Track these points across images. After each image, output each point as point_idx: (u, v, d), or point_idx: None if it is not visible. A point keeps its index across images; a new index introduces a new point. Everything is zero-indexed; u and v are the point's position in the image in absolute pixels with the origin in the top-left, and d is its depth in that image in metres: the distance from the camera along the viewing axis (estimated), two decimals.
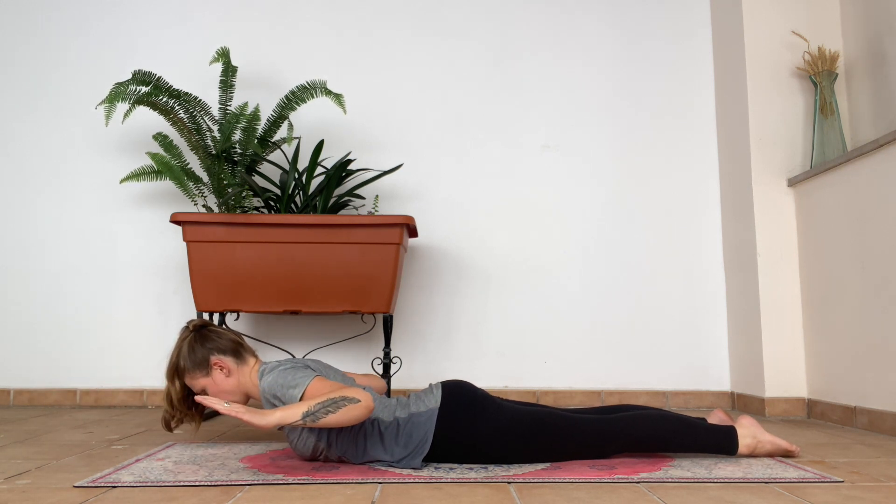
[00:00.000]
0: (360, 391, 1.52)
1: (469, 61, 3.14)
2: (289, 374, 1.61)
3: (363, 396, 1.50)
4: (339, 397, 1.48)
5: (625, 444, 1.70)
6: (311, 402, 1.47)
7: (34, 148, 3.07)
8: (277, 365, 1.67)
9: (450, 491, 1.41)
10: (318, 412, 1.46)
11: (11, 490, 1.42)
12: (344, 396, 1.48)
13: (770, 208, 2.74)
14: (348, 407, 1.47)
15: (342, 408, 1.47)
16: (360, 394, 1.50)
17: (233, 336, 1.80)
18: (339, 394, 1.49)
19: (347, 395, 1.48)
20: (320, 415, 1.46)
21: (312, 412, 1.46)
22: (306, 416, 1.46)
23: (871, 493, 1.41)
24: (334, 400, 1.47)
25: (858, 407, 2.32)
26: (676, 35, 3.16)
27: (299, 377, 1.59)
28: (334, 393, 1.49)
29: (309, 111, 3.05)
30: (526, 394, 2.93)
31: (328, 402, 1.47)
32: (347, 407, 1.47)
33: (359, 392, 1.51)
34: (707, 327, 3.00)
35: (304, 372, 1.61)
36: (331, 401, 1.47)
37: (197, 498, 1.36)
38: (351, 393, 1.50)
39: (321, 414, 1.46)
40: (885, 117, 2.54)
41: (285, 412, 1.46)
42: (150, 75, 2.55)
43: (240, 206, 2.62)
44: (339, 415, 1.46)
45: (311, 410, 1.46)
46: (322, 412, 1.46)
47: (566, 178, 3.08)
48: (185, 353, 1.73)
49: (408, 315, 3.00)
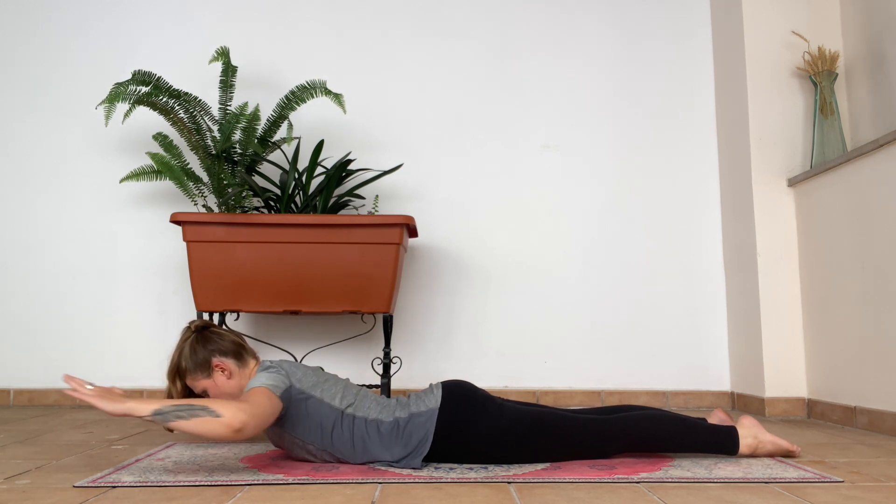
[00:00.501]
0: (235, 408, 1.44)
1: (469, 61, 3.14)
2: (262, 376, 1.60)
3: (229, 414, 1.42)
4: (198, 405, 1.43)
5: (625, 445, 1.70)
6: (167, 402, 1.45)
7: (34, 148, 3.07)
8: (269, 366, 1.67)
9: (450, 491, 1.41)
10: (169, 413, 1.42)
11: (11, 490, 1.42)
12: (205, 407, 1.43)
13: (770, 208, 2.74)
14: (204, 419, 1.41)
15: (197, 417, 1.41)
16: (230, 411, 1.43)
17: (234, 338, 1.79)
18: (208, 403, 1.44)
19: (210, 407, 1.43)
20: (171, 417, 1.42)
21: (163, 412, 1.43)
22: (156, 413, 1.43)
23: (871, 493, 1.41)
24: (191, 406, 1.43)
25: (858, 407, 2.32)
26: (676, 35, 3.16)
27: (260, 381, 1.58)
28: (211, 401, 1.45)
29: (309, 111, 3.05)
30: (526, 394, 2.93)
31: (184, 406, 1.43)
32: (203, 418, 1.41)
33: (231, 409, 1.43)
34: (707, 327, 3.00)
35: (270, 377, 1.59)
36: (187, 406, 1.43)
37: (197, 498, 1.36)
38: (220, 407, 1.43)
39: (172, 416, 1.42)
40: (885, 117, 2.54)
41: (137, 404, 1.44)
42: (149, 75, 2.55)
43: (240, 206, 2.62)
44: (192, 423, 1.41)
45: (163, 410, 1.43)
46: (173, 415, 1.42)
47: (566, 178, 3.08)
48: (186, 353, 1.73)
49: (408, 315, 3.00)
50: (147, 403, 1.45)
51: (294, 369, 1.68)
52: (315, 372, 1.72)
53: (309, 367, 1.74)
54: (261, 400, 1.51)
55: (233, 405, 1.45)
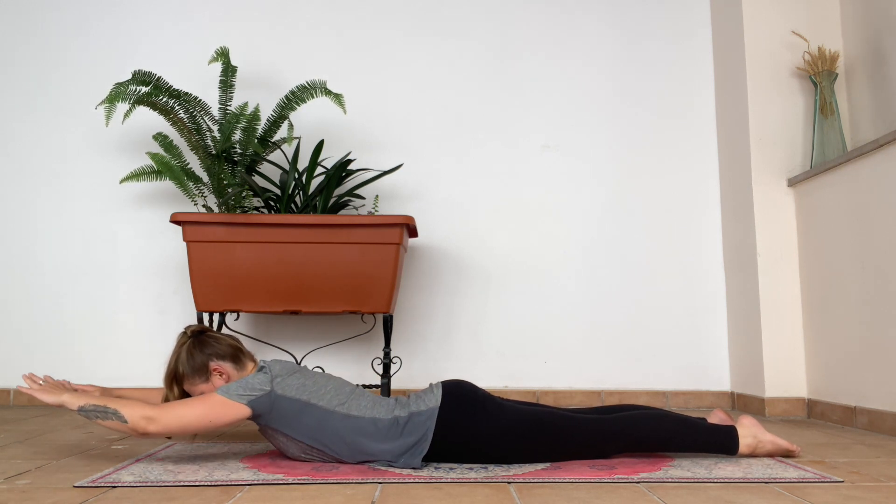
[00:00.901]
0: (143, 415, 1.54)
1: (469, 61, 3.14)
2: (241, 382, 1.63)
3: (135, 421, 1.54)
4: (112, 409, 1.55)
5: (625, 444, 1.70)
6: (92, 401, 1.57)
7: (34, 148, 3.07)
8: (262, 368, 1.67)
9: (450, 491, 1.41)
10: (90, 412, 1.56)
11: (11, 490, 1.42)
12: (116, 411, 1.55)
13: (770, 208, 2.74)
14: (114, 422, 1.55)
15: (109, 419, 1.55)
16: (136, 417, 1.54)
17: (231, 341, 1.79)
18: (120, 406, 1.55)
19: (120, 412, 1.54)
20: (91, 415, 1.56)
21: (86, 409, 1.57)
22: (81, 409, 1.57)
23: (871, 493, 1.41)
24: (106, 409, 1.55)
25: (858, 407, 2.32)
26: (676, 35, 3.16)
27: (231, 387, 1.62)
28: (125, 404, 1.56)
29: (309, 111, 3.05)
30: (526, 394, 2.93)
31: (101, 408, 1.56)
32: (113, 421, 1.55)
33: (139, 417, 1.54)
34: (707, 327, 3.00)
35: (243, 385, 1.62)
36: (104, 408, 1.56)
37: (197, 498, 1.36)
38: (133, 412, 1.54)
39: (92, 415, 1.56)
40: (885, 117, 2.54)
41: (71, 397, 1.59)
42: (149, 75, 2.55)
43: (240, 206, 2.62)
44: (106, 423, 1.56)
45: (87, 408, 1.56)
46: (93, 413, 1.56)
47: (566, 177, 3.08)
48: (183, 359, 1.72)
49: (408, 315, 3.00)
50: (77, 399, 1.59)
51: (282, 371, 1.66)
52: (304, 374, 1.69)
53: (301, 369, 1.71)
54: (185, 408, 1.59)
55: (140, 412, 1.55)
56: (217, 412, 1.58)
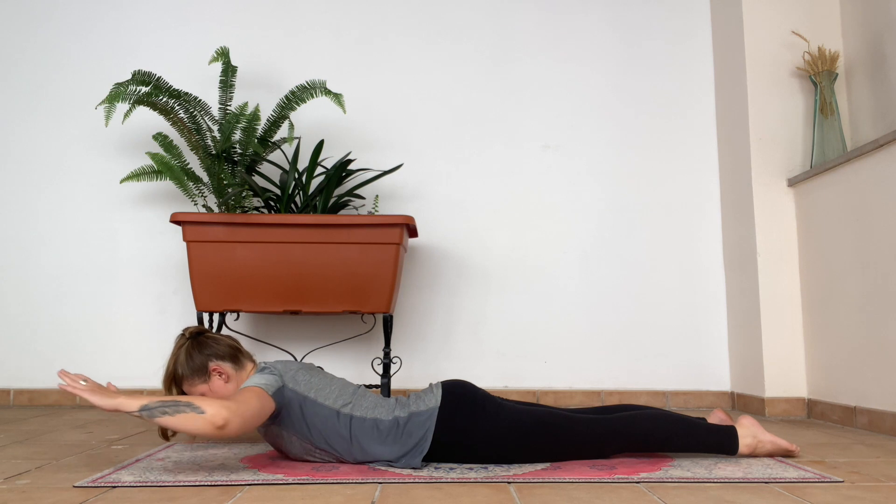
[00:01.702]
0: (218, 406, 1.45)
1: (469, 61, 3.14)
2: (257, 375, 1.62)
3: (212, 411, 1.43)
4: (183, 402, 1.45)
5: (625, 444, 1.70)
6: (154, 398, 1.47)
7: (34, 148, 3.07)
8: (265, 366, 1.67)
9: (450, 491, 1.41)
10: (156, 409, 1.45)
11: (11, 490, 1.42)
12: (190, 403, 1.45)
13: (770, 208, 2.74)
14: (188, 415, 1.44)
15: (181, 413, 1.44)
16: (214, 408, 1.44)
17: (230, 342, 1.79)
18: (193, 400, 1.46)
19: (195, 403, 1.45)
20: (157, 413, 1.45)
21: (150, 408, 1.45)
22: (143, 409, 1.46)
23: (871, 493, 1.41)
24: (176, 402, 1.45)
25: (858, 407, 2.32)
26: (676, 35, 3.16)
27: (252, 381, 1.59)
28: (197, 398, 1.47)
29: (309, 111, 3.05)
30: (526, 394, 2.93)
31: (170, 402, 1.46)
32: (187, 414, 1.44)
33: (214, 406, 1.44)
34: (707, 327, 3.00)
35: (263, 378, 1.60)
36: (173, 402, 1.46)
37: (197, 498, 1.36)
38: (204, 404, 1.45)
39: (158, 412, 1.45)
40: (885, 117, 2.54)
41: (127, 399, 1.47)
42: (149, 75, 2.55)
43: (240, 206, 2.62)
44: (177, 419, 1.44)
45: (150, 406, 1.45)
46: (159, 410, 1.45)
47: (566, 177, 3.08)
48: (182, 360, 1.72)
49: (408, 315, 3.00)
50: (136, 399, 1.47)
51: (287, 369, 1.67)
52: (310, 371, 1.71)
53: (306, 367, 1.73)
54: (249, 399, 1.51)
55: (217, 402, 1.46)
56: (265, 404, 1.53)
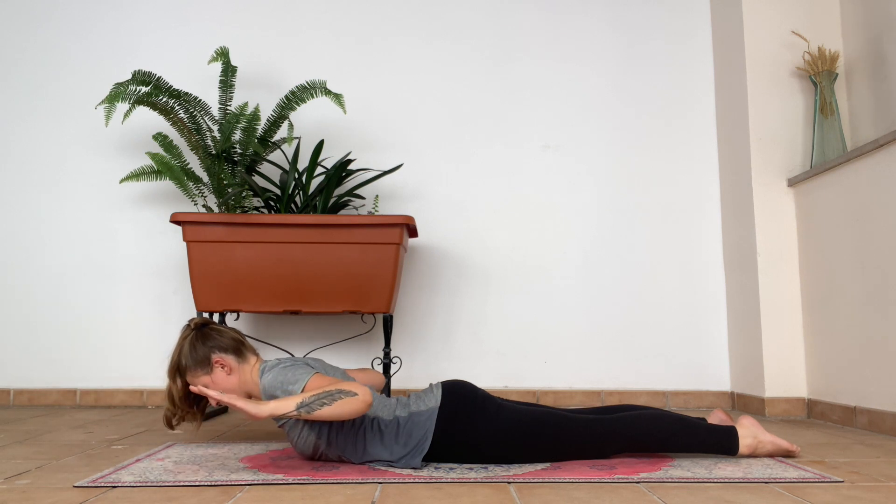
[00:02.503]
0: (358, 385, 1.52)
1: (469, 61, 3.14)
2: (289, 371, 1.61)
3: (361, 391, 1.51)
4: (335, 390, 1.49)
5: (625, 444, 1.70)
6: (306, 395, 1.49)
7: (34, 148, 3.07)
8: (278, 363, 1.67)
9: (450, 491, 1.42)
10: (313, 403, 1.47)
11: (11, 490, 1.42)
12: (340, 390, 1.49)
13: (770, 208, 2.74)
14: (345, 400, 1.48)
15: (338, 400, 1.48)
16: (357, 388, 1.51)
17: (234, 334, 1.80)
18: (336, 387, 1.50)
19: (344, 389, 1.50)
20: (315, 406, 1.47)
21: (307, 403, 1.48)
22: (301, 406, 1.47)
23: (871, 493, 1.41)
24: (330, 392, 1.49)
25: (858, 407, 2.32)
26: (676, 35, 3.16)
27: (299, 374, 1.59)
28: (331, 386, 1.50)
29: (309, 111, 3.05)
30: (526, 394, 2.93)
31: (324, 394, 1.48)
32: (344, 400, 1.48)
33: (357, 386, 1.52)
34: (707, 327, 3.00)
35: (304, 369, 1.62)
36: (326, 393, 1.48)
37: (197, 498, 1.36)
38: (349, 387, 1.51)
39: (316, 406, 1.47)
40: (885, 117, 2.54)
41: (280, 402, 1.49)
42: (149, 75, 2.55)
43: (240, 206, 2.62)
44: (335, 407, 1.47)
45: (307, 402, 1.48)
46: (317, 404, 1.47)
47: (566, 177, 3.08)
48: (186, 351, 1.73)
49: (408, 315, 3.00)
50: (287, 400, 1.49)
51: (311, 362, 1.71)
52: (322, 366, 1.75)
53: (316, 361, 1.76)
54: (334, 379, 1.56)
55: (352, 384, 1.51)
56: None
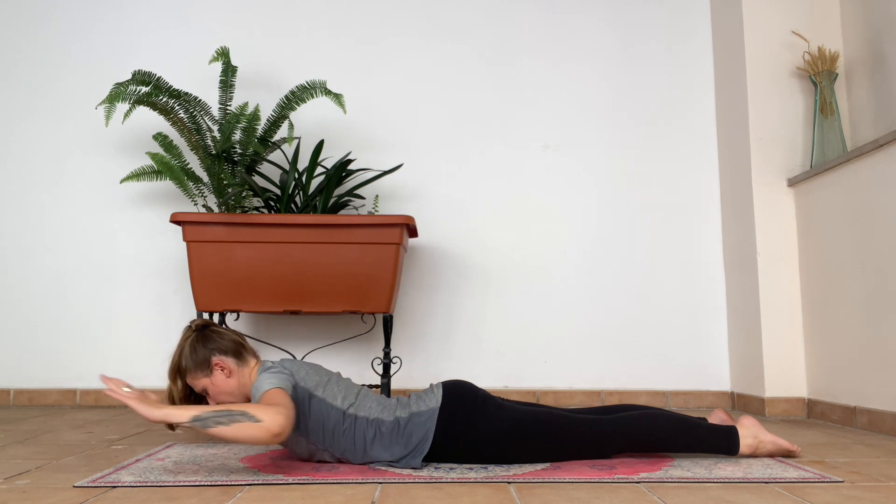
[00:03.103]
0: (273, 413, 1.44)
1: (469, 61, 3.14)
2: (268, 377, 1.60)
3: (269, 419, 1.42)
4: (238, 411, 1.43)
5: (625, 444, 1.70)
6: (206, 408, 1.45)
7: (34, 148, 3.07)
8: (271, 366, 1.67)
9: (450, 491, 1.41)
10: (210, 419, 1.42)
11: (11, 490, 1.42)
12: (245, 412, 1.43)
13: (770, 208, 2.74)
14: (244, 424, 1.41)
15: (237, 422, 1.41)
16: (269, 415, 1.43)
17: (235, 337, 1.80)
18: (245, 408, 1.44)
19: (249, 412, 1.43)
20: (210, 423, 1.42)
21: (203, 418, 1.43)
22: (195, 420, 1.43)
23: (871, 493, 1.41)
24: (231, 412, 1.43)
25: (858, 407, 2.32)
26: (676, 35, 3.16)
27: (269, 382, 1.57)
28: (249, 406, 1.45)
29: (309, 111, 3.05)
30: (526, 394, 2.93)
31: (223, 412, 1.43)
32: (243, 423, 1.41)
33: (269, 413, 1.43)
34: (707, 327, 3.00)
35: (277, 378, 1.59)
36: (227, 412, 1.43)
37: (197, 498, 1.36)
38: (259, 412, 1.43)
39: (211, 422, 1.42)
40: (885, 117, 2.54)
41: (176, 410, 1.45)
42: (149, 75, 2.55)
43: (240, 206, 2.62)
44: (233, 428, 1.42)
45: (203, 416, 1.43)
46: (213, 420, 1.42)
47: (566, 177, 3.08)
48: (186, 352, 1.73)
49: (408, 315, 3.00)
50: (185, 410, 1.45)
51: (297, 368, 1.68)
52: (317, 370, 1.72)
53: (310, 365, 1.74)
54: (287, 400, 1.51)
55: (271, 409, 1.44)
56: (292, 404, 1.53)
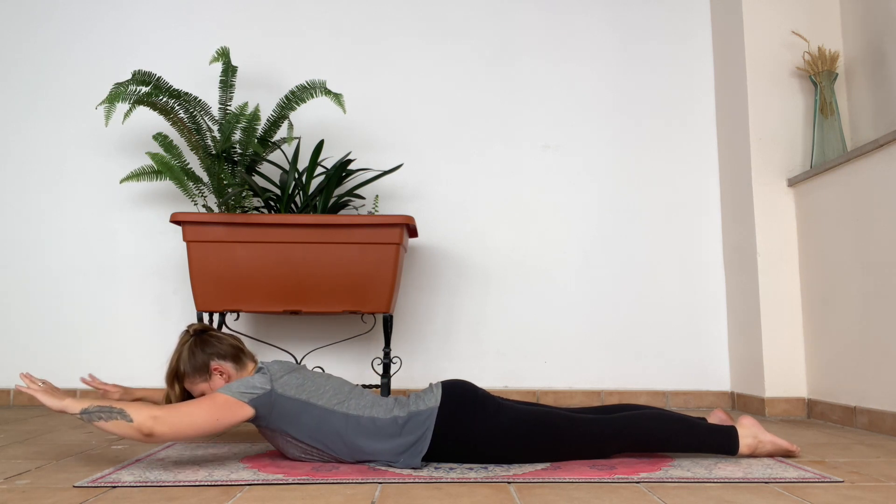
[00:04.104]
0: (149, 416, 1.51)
1: (469, 61, 3.14)
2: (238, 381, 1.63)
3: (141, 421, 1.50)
4: (117, 409, 1.52)
5: (625, 444, 1.70)
6: (95, 402, 1.54)
7: (34, 148, 3.07)
8: (260, 368, 1.67)
9: (450, 491, 1.41)
10: (94, 413, 1.52)
11: (11, 490, 1.42)
12: (122, 410, 1.51)
13: (770, 208, 2.74)
14: (118, 422, 1.51)
15: (114, 420, 1.51)
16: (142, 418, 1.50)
17: (233, 341, 1.80)
18: (127, 407, 1.52)
19: (127, 412, 1.51)
20: (94, 416, 1.52)
21: (89, 411, 1.53)
22: (83, 412, 1.53)
23: (871, 493, 1.41)
24: (111, 408, 1.52)
25: (858, 407, 2.32)
26: (676, 35, 3.16)
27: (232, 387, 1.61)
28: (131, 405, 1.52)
29: (309, 111, 3.05)
30: (526, 394, 2.93)
31: (106, 408, 1.52)
32: (118, 421, 1.51)
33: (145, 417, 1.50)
34: (707, 327, 3.00)
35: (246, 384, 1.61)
36: (108, 408, 1.52)
37: (197, 498, 1.36)
38: (138, 413, 1.51)
39: (95, 416, 1.52)
40: (885, 117, 2.54)
41: (72, 402, 1.56)
42: (149, 75, 2.55)
43: (240, 206, 2.62)
44: (110, 424, 1.51)
45: (89, 410, 1.53)
46: (95, 415, 1.52)
47: (566, 177, 3.08)
48: (185, 357, 1.73)
49: (408, 315, 3.00)
50: (79, 403, 1.56)
51: (280, 372, 1.67)
52: (303, 374, 1.70)
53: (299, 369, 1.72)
54: (193, 410, 1.55)
55: (146, 411, 1.52)
56: (223, 412, 1.56)
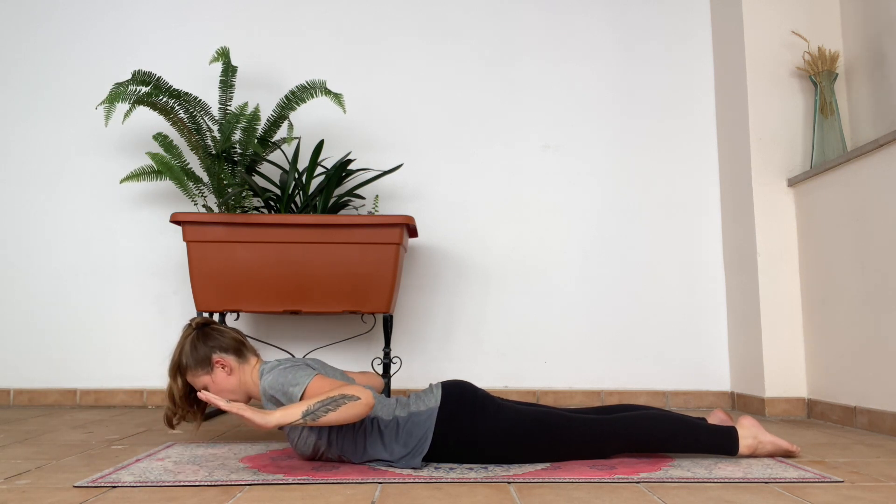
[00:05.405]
0: (360, 389, 1.53)
1: (469, 61, 3.14)
2: (289, 372, 1.61)
3: (363, 394, 1.52)
4: (338, 395, 1.49)
5: (625, 444, 1.70)
6: (311, 401, 1.49)
7: (34, 148, 3.07)
8: (277, 364, 1.67)
9: (450, 491, 1.41)
10: (318, 410, 1.47)
11: (11, 490, 1.42)
12: (343, 394, 1.49)
13: (770, 208, 2.74)
14: (348, 405, 1.48)
15: (342, 406, 1.48)
16: (359, 391, 1.52)
17: (235, 335, 1.80)
18: (339, 391, 1.50)
19: (347, 393, 1.50)
20: (320, 413, 1.47)
21: (312, 411, 1.47)
22: (306, 414, 1.47)
23: (871, 493, 1.41)
24: (334, 398, 1.49)
25: (858, 407, 2.32)
26: (676, 36, 3.15)
27: (300, 376, 1.59)
28: (334, 391, 1.51)
29: (309, 111, 3.05)
30: (526, 394, 2.93)
31: (328, 400, 1.48)
32: (347, 405, 1.48)
33: (359, 390, 1.52)
34: (707, 327, 3.00)
35: (305, 370, 1.62)
36: (330, 399, 1.49)
37: (197, 498, 1.36)
38: (351, 391, 1.51)
39: (321, 412, 1.47)
40: (885, 117, 2.54)
41: (285, 412, 1.48)
42: (149, 75, 2.55)
43: (240, 206, 2.62)
44: (339, 412, 1.48)
45: (311, 409, 1.48)
46: (322, 410, 1.48)
47: (566, 178, 3.08)
48: (187, 350, 1.74)
49: (408, 315, 3.00)
50: (292, 409, 1.48)
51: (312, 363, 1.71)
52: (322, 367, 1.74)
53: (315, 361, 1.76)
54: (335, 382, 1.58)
55: (355, 387, 1.52)
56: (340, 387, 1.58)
